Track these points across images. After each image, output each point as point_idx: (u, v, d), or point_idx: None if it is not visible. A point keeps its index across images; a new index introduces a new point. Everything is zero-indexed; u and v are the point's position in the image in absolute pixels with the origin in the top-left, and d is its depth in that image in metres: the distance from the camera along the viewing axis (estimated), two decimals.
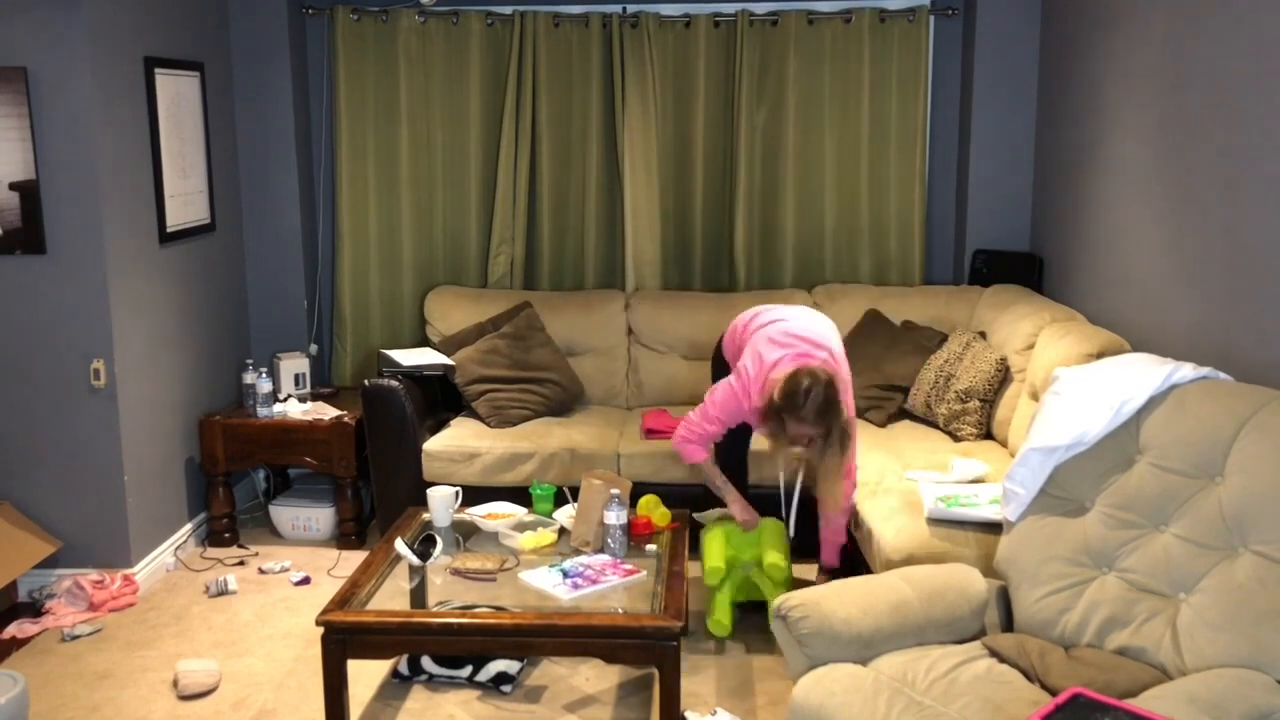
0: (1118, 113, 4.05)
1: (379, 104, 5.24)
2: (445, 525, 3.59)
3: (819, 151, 5.17)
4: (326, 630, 2.98)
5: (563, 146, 5.24)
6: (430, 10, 5.15)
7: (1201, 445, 2.57)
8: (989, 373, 4.21)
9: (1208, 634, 2.41)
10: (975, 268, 5.07)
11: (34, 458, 4.14)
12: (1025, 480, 2.81)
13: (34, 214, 3.98)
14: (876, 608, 2.65)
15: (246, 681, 3.57)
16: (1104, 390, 2.77)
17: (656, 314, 5.04)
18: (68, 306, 4.04)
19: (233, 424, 4.62)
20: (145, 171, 4.30)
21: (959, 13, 5.12)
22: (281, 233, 5.21)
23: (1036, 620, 2.69)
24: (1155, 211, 3.74)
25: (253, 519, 4.99)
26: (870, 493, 3.74)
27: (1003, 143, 5.03)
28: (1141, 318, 3.83)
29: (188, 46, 4.65)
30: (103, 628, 3.94)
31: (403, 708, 3.39)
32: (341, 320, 5.38)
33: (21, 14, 3.88)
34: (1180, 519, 2.57)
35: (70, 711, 3.40)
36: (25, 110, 3.91)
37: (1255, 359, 3.08)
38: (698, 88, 5.16)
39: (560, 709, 3.37)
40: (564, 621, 2.97)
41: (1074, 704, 2.05)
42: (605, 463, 4.39)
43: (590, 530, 3.35)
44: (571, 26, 5.15)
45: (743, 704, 3.40)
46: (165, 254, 4.45)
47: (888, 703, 2.40)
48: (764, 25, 5.10)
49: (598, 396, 5.01)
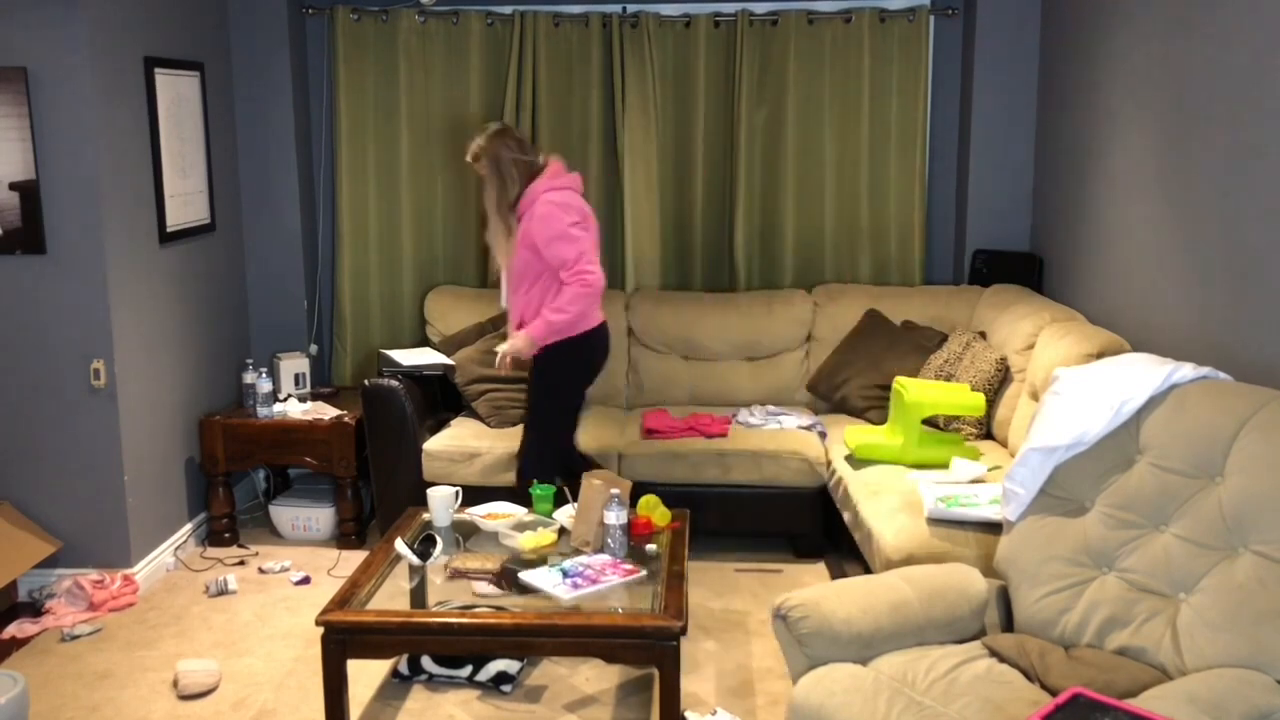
0: (1118, 113, 4.05)
1: (379, 104, 5.24)
2: (445, 525, 3.59)
3: (819, 151, 5.17)
4: (326, 630, 2.98)
5: (563, 146, 5.24)
6: (430, 10, 5.15)
7: (1201, 445, 2.57)
8: (989, 373, 4.21)
9: (1208, 634, 2.41)
10: (975, 268, 5.07)
11: (34, 458, 4.14)
12: (1025, 480, 2.81)
13: (34, 214, 3.98)
14: (876, 608, 2.65)
15: (246, 681, 3.57)
16: (1104, 390, 2.77)
17: (656, 314, 5.04)
18: (68, 306, 4.04)
19: (233, 424, 4.62)
20: (145, 171, 4.30)
21: (959, 13, 5.12)
22: (281, 233, 5.21)
23: (1036, 620, 2.69)
24: (1155, 211, 3.74)
25: (253, 519, 4.99)
26: (870, 493, 3.74)
27: (1003, 143, 5.03)
28: (1141, 318, 3.83)
29: (188, 46, 4.65)
30: (103, 628, 3.94)
31: (403, 708, 3.39)
32: (341, 320, 5.38)
33: (21, 14, 3.88)
34: (1180, 519, 2.57)
35: (70, 711, 3.40)
36: (25, 110, 3.91)
37: (1255, 359, 3.08)
38: (698, 88, 5.16)
39: (560, 709, 3.37)
40: (564, 621, 2.97)
41: (1074, 704, 2.05)
42: (605, 463, 4.39)
43: (590, 530, 3.35)
44: (571, 26, 5.15)
45: (743, 704, 3.40)
46: (165, 254, 4.45)
47: (888, 703, 2.40)
48: (764, 25, 5.10)
49: (598, 396, 5.00)
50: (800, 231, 5.24)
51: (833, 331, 4.97)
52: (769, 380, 4.99)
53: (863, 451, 4.03)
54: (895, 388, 4.03)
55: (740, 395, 4.97)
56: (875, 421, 4.56)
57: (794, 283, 5.25)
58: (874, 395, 4.63)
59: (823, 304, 5.02)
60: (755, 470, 4.38)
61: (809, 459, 4.35)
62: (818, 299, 5.04)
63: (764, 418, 4.65)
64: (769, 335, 4.99)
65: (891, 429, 4.04)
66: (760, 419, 4.64)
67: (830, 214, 5.21)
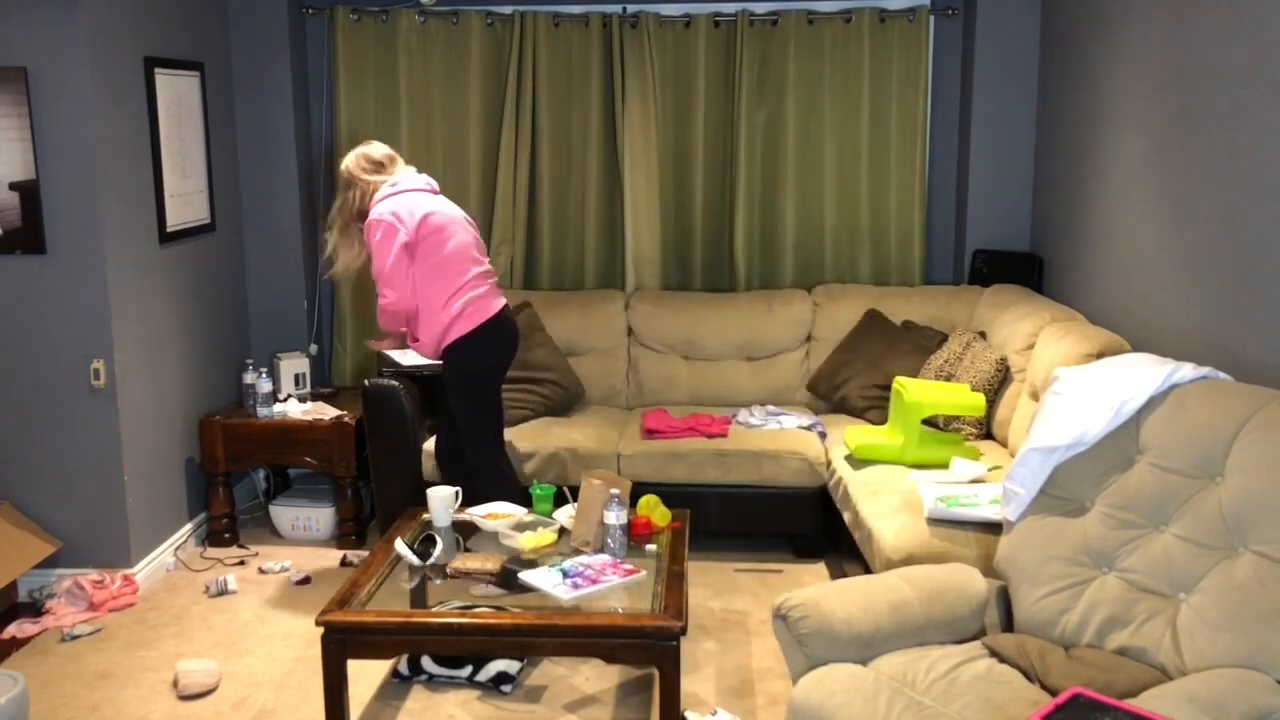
0: (1118, 112, 4.05)
1: (379, 104, 5.24)
2: (445, 525, 3.59)
3: (819, 151, 5.17)
4: (326, 630, 2.97)
5: (563, 146, 5.24)
6: (430, 10, 5.15)
7: (1201, 445, 2.57)
8: (989, 373, 4.21)
9: (1208, 634, 2.41)
10: (975, 268, 5.07)
11: (34, 458, 4.14)
12: (1025, 480, 2.81)
13: (34, 214, 3.98)
14: (876, 608, 2.64)
15: (246, 681, 3.57)
16: (1104, 390, 2.77)
17: (656, 314, 5.04)
18: (68, 306, 4.04)
19: (233, 424, 4.62)
20: (145, 171, 4.30)
21: (959, 13, 5.12)
22: (281, 233, 5.21)
23: (1036, 620, 2.69)
24: (1155, 211, 3.74)
25: (253, 519, 4.99)
26: (870, 493, 3.74)
27: (1003, 143, 5.03)
28: (1141, 318, 3.83)
29: (188, 46, 4.65)
30: (103, 628, 3.94)
31: (403, 708, 3.39)
32: (341, 320, 5.38)
33: (21, 14, 3.88)
34: (1180, 519, 2.57)
35: (70, 711, 3.40)
36: (25, 110, 3.91)
37: (1255, 359, 3.08)
38: (698, 88, 5.16)
39: (560, 709, 3.37)
40: (564, 621, 2.97)
41: (1074, 704, 2.05)
42: (605, 463, 4.39)
43: (590, 530, 3.35)
44: (571, 26, 5.15)
45: (743, 704, 3.40)
46: (165, 254, 4.45)
47: (888, 703, 2.40)
48: (764, 25, 5.10)
49: (598, 396, 5.01)
50: (800, 231, 5.24)
51: (833, 331, 4.97)
52: (769, 380, 4.99)
53: (863, 451, 4.03)
54: (895, 388, 4.03)
55: (740, 395, 4.97)
56: (875, 421, 4.56)
57: (794, 283, 5.25)
58: (874, 395, 4.63)
59: (823, 304, 5.02)
60: (755, 470, 4.38)
61: (809, 459, 4.35)
62: (818, 299, 5.04)
63: (764, 418, 4.65)
64: (769, 335, 4.99)
65: (891, 429, 4.04)
66: (760, 419, 4.64)
67: (830, 214, 5.21)
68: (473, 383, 4.01)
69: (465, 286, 3.93)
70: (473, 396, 4.02)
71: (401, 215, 3.88)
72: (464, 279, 3.93)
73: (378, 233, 3.87)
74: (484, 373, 4.02)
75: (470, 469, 4.06)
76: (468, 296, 3.92)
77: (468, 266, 3.95)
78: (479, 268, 3.99)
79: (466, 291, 3.92)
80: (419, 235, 3.88)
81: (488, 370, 4.03)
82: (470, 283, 3.94)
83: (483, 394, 4.04)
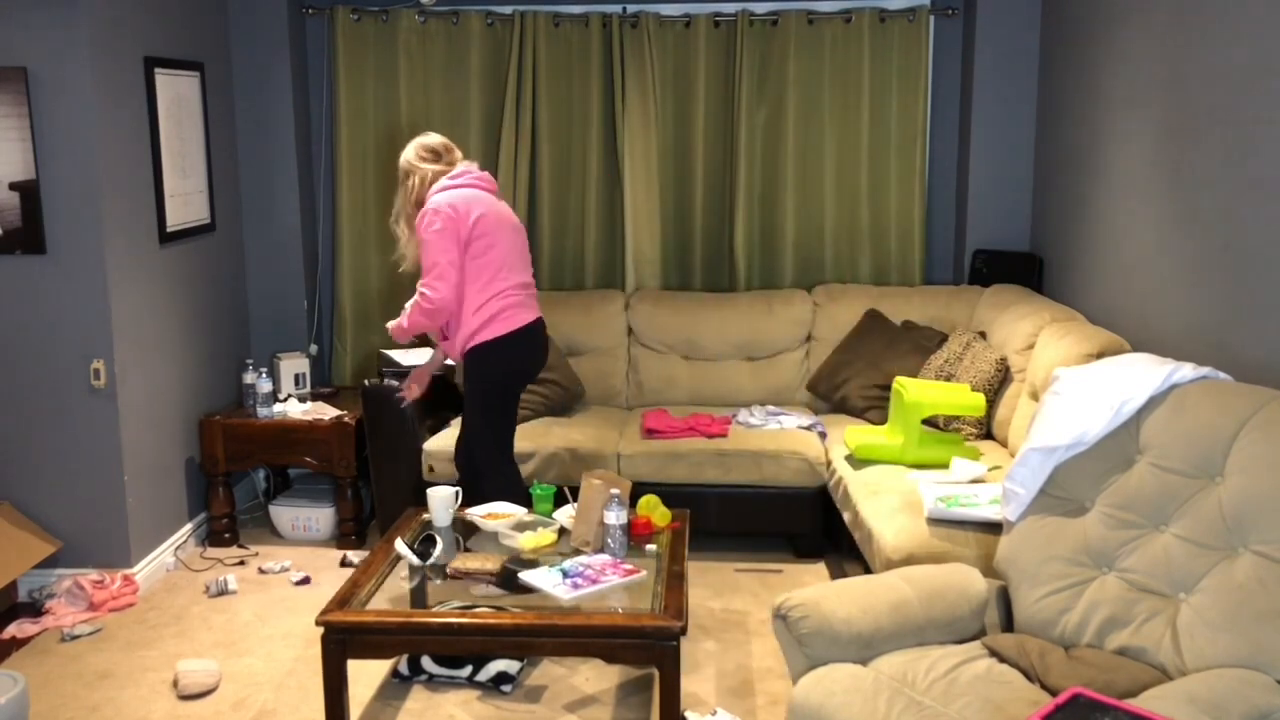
0: (1118, 112, 4.05)
1: (379, 104, 5.24)
2: (445, 525, 3.59)
3: (819, 151, 5.17)
4: (326, 630, 2.97)
5: (563, 146, 5.24)
6: (430, 10, 5.15)
7: (1201, 445, 2.57)
8: (989, 373, 4.21)
9: (1208, 634, 2.41)
10: (975, 268, 5.07)
11: (34, 458, 4.14)
12: (1025, 480, 2.81)
13: (34, 214, 3.98)
14: (876, 608, 2.64)
15: (246, 681, 3.57)
16: (1104, 390, 2.76)
17: (656, 314, 5.04)
18: (68, 306, 4.04)
19: (233, 424, 4.62)
20: (145, 171, 4.30)
21: (959, 13, 5.12)
22: (281, 233, 5.21)
23: (1036, 620, 2.69)
24: (1155, 211, 3.74)
25: (253, 519, 4.99)
26: (870, 493, 3.74)
27: (1003, 143, 5.03)
28: (1141, 318, 3.83)
29: (188, 46, 4.65)
30: (103, 628, 3.94)
31: (403, 708, 3.39)
32: (341, 320, 5.38)
33: (21, 14, 3.88)
34: (1180, 519, 2.57)
35: (70, 711, 3.40)
36: (25, 110, 3.91)
37: (1255, 359, 3.08)
38: (698, 88, 5.16)
39: (560, 709, 3.37)
40: (564, 621, 2.97)
41: (1074, 704, 2.05)
42: (605, 463, 4.39)
43: (590, 530, 3.35)
44: (571, 26, 5.15)
45: (743, 704, 3.40)
46: (165, 254, 4.45)
47: (888, 703, 2.40)
48: (764, 25, 5.10)
49: (598, 396, 5.01)
50: (800, 231, 5.24)
51: (833, 331, 4.97)
52: (769, 380, 4.99)
53: (863, 451, 4.03)
54: (895, 388, 4.03)
55: (740, 395, 4.97)
56: (875, 421, 4.56)
57: (794, 283, 5.25)
58: (874, 395, 4.63)
59: (823, 304, 5.02)
60: (755, 470, 4.38)
61: (809, 459, 4.35)
62: (818, 299, 5.04)
63: (764, 418, 4.65)
64: (769, 335, 4.99)
65: (891, 429, 4.04)
66: (760, 419, 4.64)
67: (830, 214, 5.21)
68: (488, 388, 3.96)
69: (503, 293, 3.86)
70: (486, 401, 3.98)
71: (459, 208, 3.80)
72: (504, 285, 3.86)
73: (436, 222, 3.77)
74: (502, 379, 3.97)
75: (476, 471, 4.05)
76: (502, 304, 3.85)
77: (510, 274, 3.88)
78: (521, 277, 3.94)
79: (503, 299, 3.86)
80: (472, 233, 3.80)
81: (506, 376, 3.97)
82: (509, 290, 3.87)
83: (496, 400, 3.99)
